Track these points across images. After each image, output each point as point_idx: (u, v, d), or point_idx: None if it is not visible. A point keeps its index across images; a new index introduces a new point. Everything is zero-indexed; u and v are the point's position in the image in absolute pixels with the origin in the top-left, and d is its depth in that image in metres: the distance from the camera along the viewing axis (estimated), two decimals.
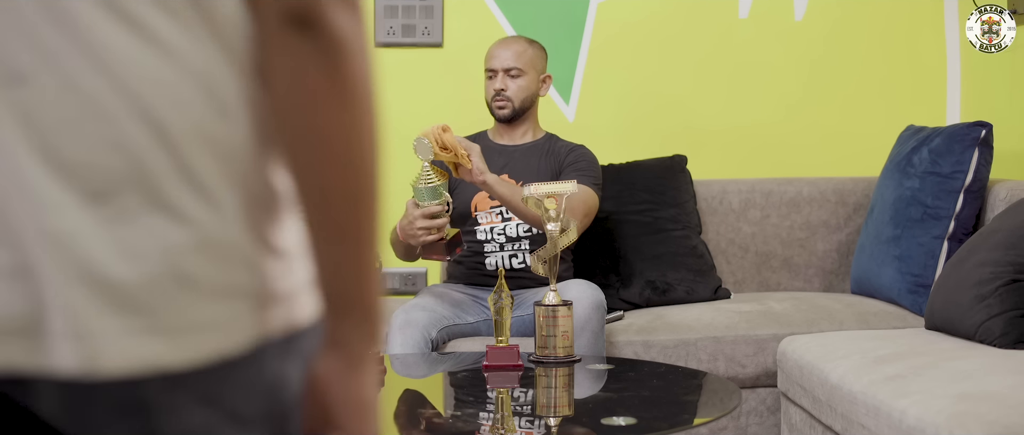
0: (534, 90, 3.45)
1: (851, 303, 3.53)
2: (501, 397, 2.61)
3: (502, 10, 4.05)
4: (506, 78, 3.40)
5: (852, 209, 3.90)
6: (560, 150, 3.45)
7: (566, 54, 4.08)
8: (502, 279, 2.79)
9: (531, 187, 2.84)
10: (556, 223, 2.80)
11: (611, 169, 3.70)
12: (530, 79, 3.42)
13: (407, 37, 4.01)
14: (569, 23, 4.07)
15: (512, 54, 3.41)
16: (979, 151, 3.35)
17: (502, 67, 3.40)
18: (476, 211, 3.38)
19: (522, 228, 3.33)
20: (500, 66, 3.40)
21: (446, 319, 3.21)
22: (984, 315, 2.75)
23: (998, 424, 2.14)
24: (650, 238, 3.65)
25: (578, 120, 4.07)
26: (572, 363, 2.77)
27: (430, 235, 3.05)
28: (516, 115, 3.43)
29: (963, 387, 2.35)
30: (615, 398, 2.64)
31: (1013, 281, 2.75)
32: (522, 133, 3.48)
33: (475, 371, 2.79)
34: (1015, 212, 2.91)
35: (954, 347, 2.75)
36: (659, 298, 3.57)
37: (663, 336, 3.29)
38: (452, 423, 2.40)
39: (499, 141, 3.49)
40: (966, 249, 2.97)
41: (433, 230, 3.04)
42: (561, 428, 2.36)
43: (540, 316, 2.77)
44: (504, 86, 3.40)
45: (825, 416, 2.81)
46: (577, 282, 3.17)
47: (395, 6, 3.99)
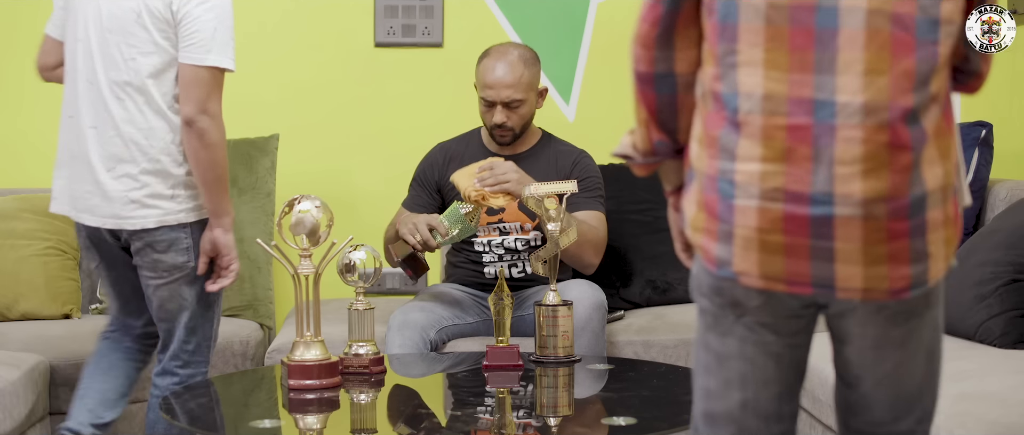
0: (533, 109, 3.33)
1: None
2: (501, 397, 2.61)
3: (502, 10, 4.05)
4: (506, 111, 3.26)
5: None
6: (562, 157, 3.40)
7: (566, 54, 4.07)
8: (502, 279, 2.78)
9: (531, 187, 2.84)
10: (556, 223, 2.80)
11: (611, 169, 3.69)
12: (529, 103, 3.29)
13: (407, 37, 4.01)
14: (569, 23, 4.07)
15: (510, 83, 3.23)
16: (979, 151, 3.35)
17: (501, 100, 3.24)
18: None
19: (520, 242, 3.30)
20: (499, 99, 3.24)
21: (446, 319, 3.20)
22: (984, 315, 2.75)
23: (998, 424, 2.15)
24: (650, 238, 3.64)
25: (578, 120, 4.07)
26: (572, 363, 2.77)
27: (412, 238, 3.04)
28: (516, 138, 3.33)
29: (963, 387, 2.36)
30: (615, 398, 2.64)
31: (1013, 281, 2.75)
32: (520, 142, 3.38)
33: (475, 371, 2.79)
34: (1015, 212, 2.91)
35: (954, 347, 2.75)
36: (659, 298, 3.57)
37: (663, 336, 3.30)
38: (452, 423, 2.40)
39: (495, 149, 3.39)
40: (966, 249, 2.97)
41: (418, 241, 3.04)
42: (561, 428, 2.36)
43: (540, 316, 2.77)
44: (505, 119, 3.26)
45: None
46: (577, 282, 3.17)
47: (395, 6, 3.99)
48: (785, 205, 1.53)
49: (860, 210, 1.52)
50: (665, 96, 1.70)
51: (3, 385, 2.75)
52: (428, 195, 3.37)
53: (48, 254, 3.53)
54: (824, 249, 1.53)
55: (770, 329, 1.62)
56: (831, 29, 1.52)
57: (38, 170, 3.99)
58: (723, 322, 1.63)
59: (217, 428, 2.41)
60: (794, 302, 1.59)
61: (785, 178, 1.53)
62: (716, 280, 1.61)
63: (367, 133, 3.98)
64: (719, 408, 1.67)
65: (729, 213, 1.57)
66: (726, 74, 1.58)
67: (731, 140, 1.56)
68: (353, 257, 2.66)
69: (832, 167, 1.51)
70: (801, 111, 1.53)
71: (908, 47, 1.54)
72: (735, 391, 1.64)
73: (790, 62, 1.53)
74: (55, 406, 3.11)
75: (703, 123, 1.62)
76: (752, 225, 1.55)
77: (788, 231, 1.53)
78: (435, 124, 3.84)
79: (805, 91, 1.53)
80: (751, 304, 1.60)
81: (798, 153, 1.52)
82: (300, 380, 2.51)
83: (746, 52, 1.55)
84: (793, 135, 1.53)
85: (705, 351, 1.67)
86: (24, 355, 3.02)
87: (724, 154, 1.58)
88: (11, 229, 3.52)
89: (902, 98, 1.54)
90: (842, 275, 1.54)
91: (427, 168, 3.41)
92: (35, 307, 3.47)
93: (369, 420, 2.50)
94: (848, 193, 1.51)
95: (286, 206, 2.57)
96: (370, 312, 2.67)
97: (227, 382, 2.81)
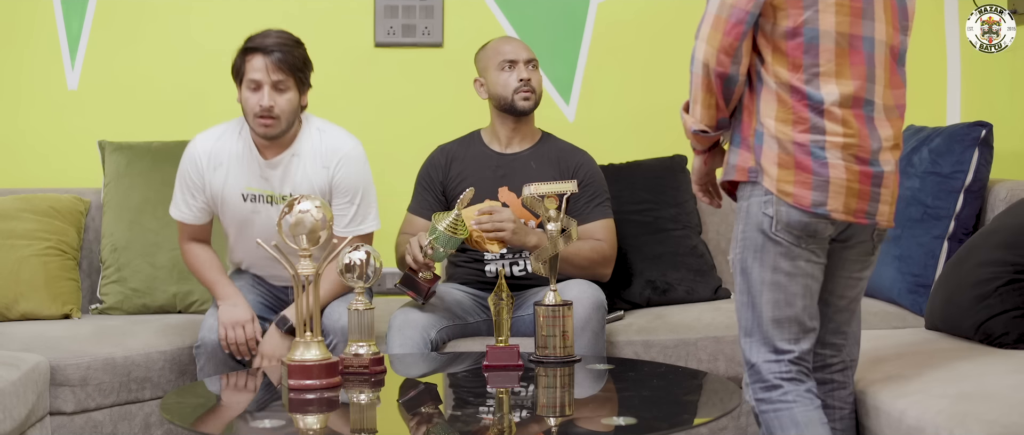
0: (541, 87, 3.39)
1: None
2: (501, 397, 2.61)
3: (502, 10, 4.05)
4: (531, 68, 3.33)
5: None
6: (565, 156, 3.40)
7: (566, 54, 4.07)
8: (502, 279, 2.78)
9: (531, 187, 2.84)
10: (556, 223, 2.80)
11: (611, 169, 3.69)
12: (538, 78, 3.37)
13: (407, 37, 4.01)
14: (569, 23, 4.07)
15: (527, 47, 3.36)
16: (979, 151, 3.35)
17: (523, 58, 3.31)
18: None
19: None
20: (520, 57, 3.31)
21: (446, 319, 3.20)
22: (984, 315, 2.75)
23: (998, 424, 2.15)
24: (650, 238, 3.64)
25: (578, 120, 4.07)
26: (572, 363, 2.77)
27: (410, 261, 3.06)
28: (535, 107, 3.36)
29: (963, 387, 2.35)
30: (615, 398, 2.64)
31: (1013, 281, 2.75)
32: (520, 138, 3.40)
33: (475, 371, 2.79)
34: (1015, 212, 2.91)
35: (954, 347, 2.75)
36: (659, 298, 3.57)
37: (663, 336, 3.29)
38: (452, 423, 2.40)
39: (495, 148, 3.42)
40: (966, 249, 2.97)
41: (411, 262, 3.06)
42: (561, 428, 2.36)
43: (540, 316, 2.77)
44: (529, 75, 3.31)
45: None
46: (577, 282, 3.17)
47: (395, 6, 3.99)
48: (858, 165, 2.34)
49: (893, 168, 2.40)
50: (732, 89, 2.37)
51: (3, 385, 2.75)
52: (433, 197, 3.37)
53: (48, 254, 3.53)
54: (876, 193, 2.37)
55: (818, 254, 2.39)
56: (871, 53, 2.36)
57: (38, 170, 3.99)
58: (794, 250, 2.36)
59: (217, 428, 2.41)
60: (833, 232, 2.38)
61: (857, 148, 2.34)
62: (807, 216, 2.33)
63: (367, 133, 3.97)
64: (787, 313, 2.37)
65: (824, 168, 2.32)
66: (810, 79, 2.33)
67: (820, 123, 2.32)
68: (353, 257, 2.66)
69: (879, 142, 2.36)
70: (858, 105, 2.35)
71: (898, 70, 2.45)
72: (800, 300, 2.38)
73: (853, 74, 2.35)
74: (55, 406, 3.11)
75: (787, 108, 2.33)
76: (842, 176, 2.32)
77: (862, 181, 2.34)
78: (435, 124, 3.84)
79: (861, 93, 2.35)
80: (825, 234, 2.36)
81: (862, 132, 2.34)
82: (300, 380, 2.51)
83: (825, 65, 2.33)
84: (859, 121, 2.35)
85: (774, 272, 2.37)
86: (24, 355, 3.02)
87: (815, 130, 2.32)
88: (11, 229, 3.52)
89: (901, 100, 2.45)
90: (881, 212, 2.39)
91: (430, 170, 3.42)
92: (35, 307, 3.47)
93: (369, 420, 2.50)
94: (888, 159, 2.38)
95: (286, 206, 2.57)
96: (370, 312, 2.68)
97: (227, 382, 2.81)
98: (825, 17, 2.32)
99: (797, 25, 2.32)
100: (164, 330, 3.35)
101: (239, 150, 3.15)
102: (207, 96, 4.03)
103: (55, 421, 3.11)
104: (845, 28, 2.33)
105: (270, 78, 3.03)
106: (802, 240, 2.35)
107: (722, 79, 2.34)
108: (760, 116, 2.36)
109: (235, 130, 3.19)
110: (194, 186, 3.18)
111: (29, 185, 3.92)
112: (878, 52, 2.36)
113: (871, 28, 2.36)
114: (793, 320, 2.37)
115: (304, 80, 3.11)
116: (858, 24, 2.34)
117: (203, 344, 3.12)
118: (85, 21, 3.99)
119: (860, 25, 2.35)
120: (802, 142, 2.31)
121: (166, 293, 3.64)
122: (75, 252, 3.63)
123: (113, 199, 3.72)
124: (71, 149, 4.00)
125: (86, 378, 3.13)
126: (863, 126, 2.33)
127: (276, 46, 3.04)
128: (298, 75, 3.06)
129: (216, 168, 3.15)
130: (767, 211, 2.36)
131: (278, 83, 3.03)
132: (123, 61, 4.03)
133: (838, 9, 2.32)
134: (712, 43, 2.33)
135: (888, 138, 2.37)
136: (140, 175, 3.72)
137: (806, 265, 2.37)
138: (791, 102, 2.33)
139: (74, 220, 3.68)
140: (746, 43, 2.32)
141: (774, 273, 2.36)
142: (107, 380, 3.16)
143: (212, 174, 3.15)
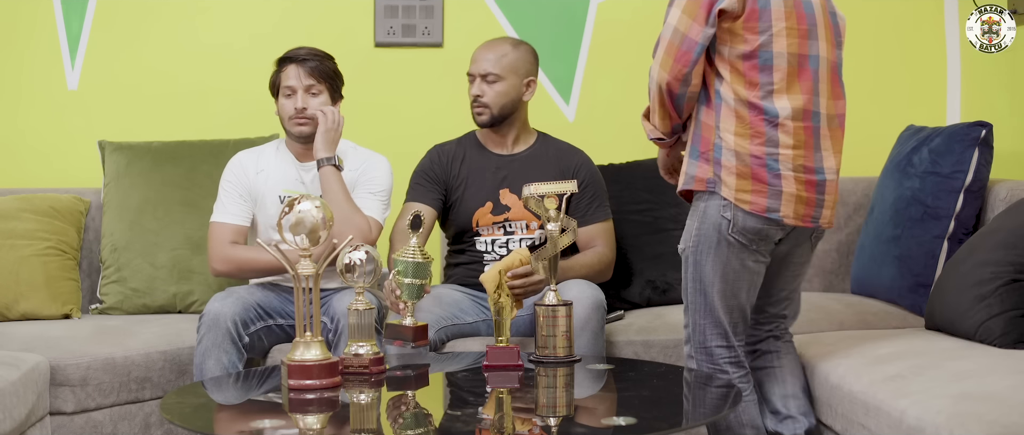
0: (515, 95, 3.34)
1: (851, 303, 3.53)
2: (501, 397, 2.61)
3: (502, 10, 4.05)
4: (483, 84, 3.31)
5: (852, 209, 3.90)
6: (564, 157, 3.40)
7: (566, 54, 4.07)
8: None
9: (531, 187, 2.83)
10: (556, 223, 2.80)
11: (611, 169, 3.69)
12: (509, 84, 3.32)
13: (407, 37, 4.01)
14: (569, 23, 4.07)
15: (492, 59, 3.31)
16: (979, 151, 3.35)
17: (478, 73, 3.32)
18: (478, 225, 3.37)
19: (525, 242, 3.32)
20: (477, 71, 3.32)
21: (446, 319, 3.20)
22: (984, 315, 2.75)
23: (998, 424, 2.14)
24: (650, 238, 3.64)
25: (578, 120, 4.07)
26: (572, 363, 2.77)
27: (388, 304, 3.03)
28: (495, 121, 3.34)
29: (963, 387, 2.35)
30: (615, 398, 2.64)
31: (1013, 281, 2.75)
32: (513, 140, 3.40)
33: (475, 371, 2.79)
34: (1015, 212, 2.91)
35: (954, 347, 2.75)
36: (659, 298, 3.57)
37: (663, 336, 3.29)
38: (452, 423, 2.40)
39: (493, 149, 3.42)
40: (966, 249, 2.97)
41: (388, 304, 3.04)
42: (561, 428, 2.36)
43: (540, 316, 2.77)
44: (481, 92, 3.31)
45: (825, 416, 2.81)
46: (577, 282, 3.17)
47: (395, 6, 3.99)
48: (805, 175, 2.64)
49: (835, 176, 2.71)
50: (683, 104, 2.67)
51: (3, 385, 2.75)
52: (437, 188, 3.38)
53: (48, 254, 3.53)
54: (821, 200, 2.69)
55: (764, 255, 2.72)
56: (816, 69, 2.66)
57: (38, 170, 4.00)
58: (747, 250, 2.67)
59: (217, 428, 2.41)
60: (781, 235, 2.70)
61: (805, 158, 2.64)
62: (763, 221, 2.64)
63: (367, 133, 3.97)
64: (732, 303, 2.72)
65: (777, 180, 2.62)
66: (766, 95, 2.61)
67: (774, 135, 2.61)
68: (353, 257, 2.66)
69: (821, 151, 2.67)
70: (808, 117, 2.65)
71: (838, 81, 2.75)
72: (744, 292, 2.73)
73: (801, 88, 2.64)
74: (55, 406, 3.11)
75: (745, 123, 2.62)
76: (792, 188, 2.63)
77: (808, 190, 2.65)
78: (435, 124, 3.84)
79: (809, 105, 2.65)
80: (774, 237, 2.69)
81: (809, 144, 2.65)
82: (300, 380, 2.51)
83: (779, 83, 2.62)
84: (807, 133, 2.65)
85: (725, 267, 2.69)
86: (24, 355, 3.02)
87: (770, 143, 2.61)
88: (11, 229, 3.52)
89: (842, 109, 2.75)
90: (824, 215, 2.72)
91: (434, 164, 3.43)
92: (35, 307, 3.47)
93: (369, 420, 2.50)
94: (831, 166, 2.70)
95: (286, 206, 2.57)
96: (370, 312, 2.67)
97: (227, 382, 2.81)
98: (778, 41, 2.60)
99: (753, 49, 2.60)
100: (164, 330, 3.35)
101: (277, 158, 3.38)
102: (207, 96, 4.03)
103: (55, 421, 3.11)
104: (795, 49, 2.62)
105: (303, 83, 3.29)
106: (754, 242, 2.67)
107: (673, 97, 2.64)
108: (720, 131, 2.64)
109: (273, 146, 3.46)
110: (242, 187, 3.34)
111: (29, 185, 3.92)
112: (821, 68, 2.66)
113: (816, 47, 2.65)
114: (737, 308, 2.73)
115: (336, 88, 3.36)
116: (805, 44, 2.63)
117: (207, 314, 3.09)
118: (85, 21, 4.00)
119: (807, 45, 2.64)
120: (758, 154, 2.62)
121: (166, 293, 3.64)
122: (75, 252, 3.63)
123: (113, 199, 3.72)
124: (71, 149, 4.00)
125: (86, 378, 3.13)
126: (810, 137, 2.64)
127: (309, 55, 3.31)
128: (330, 82, 3.32)
129: (259, 172, 3.35)
130: (725, 215, 2.65)
131: (310, 87, 3.29)
132: (123, 61, 4.03)
133: (789, 33, 2.61)
134: (665, 68, 2.61)
135: (828, 148, 2.68)
136: (140, 175, 3.72)
137: (753, 264, 2.70)
138: (749, 117, 2.61)
139: (74, 220, 3.68)
140: (697, 68, 2.60)
141: (725, 268, 2.69)
142: (107, 380, 3.16)
143: (255, 177, 3.34)
